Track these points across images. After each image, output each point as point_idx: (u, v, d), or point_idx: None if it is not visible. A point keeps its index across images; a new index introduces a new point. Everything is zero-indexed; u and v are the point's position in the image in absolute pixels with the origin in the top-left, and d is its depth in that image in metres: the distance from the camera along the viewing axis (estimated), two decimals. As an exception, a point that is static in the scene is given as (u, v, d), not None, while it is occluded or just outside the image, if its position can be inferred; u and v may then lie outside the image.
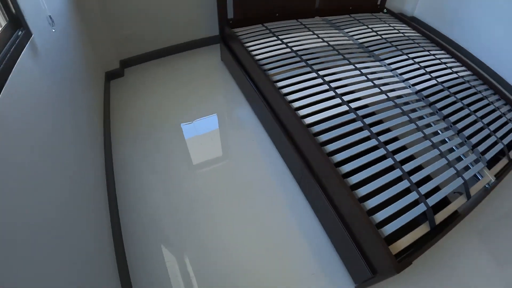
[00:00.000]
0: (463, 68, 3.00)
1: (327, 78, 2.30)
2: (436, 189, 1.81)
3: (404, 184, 1.75)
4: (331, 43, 2.73)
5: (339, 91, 2.22)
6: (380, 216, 1.59)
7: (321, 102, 2.12)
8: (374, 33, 3.10)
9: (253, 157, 2.30)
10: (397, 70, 2.59)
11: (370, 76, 2.41)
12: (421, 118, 2.22)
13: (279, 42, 2.65)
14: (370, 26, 3.25)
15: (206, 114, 2.58)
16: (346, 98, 2.16)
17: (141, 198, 2.00)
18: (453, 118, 2.30)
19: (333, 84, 2.27)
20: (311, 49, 2.59)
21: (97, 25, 2.44)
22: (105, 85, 2.59)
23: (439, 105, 2.37)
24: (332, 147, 1.86)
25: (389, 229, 1.56)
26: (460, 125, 2.26)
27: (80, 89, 1.93)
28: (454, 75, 2.80)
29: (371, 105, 2.17)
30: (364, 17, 3.49)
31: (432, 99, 2.40)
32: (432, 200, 1.73)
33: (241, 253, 1.82)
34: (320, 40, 2.75)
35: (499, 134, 2.37)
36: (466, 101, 2.52)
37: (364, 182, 1.72)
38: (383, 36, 3.09)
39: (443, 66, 2.87)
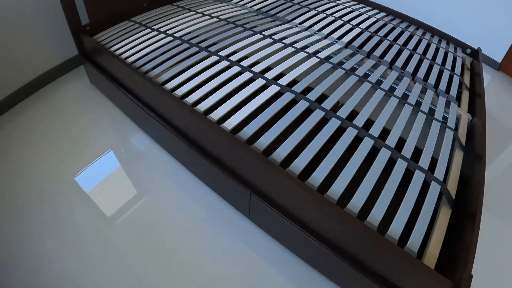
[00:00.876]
0: (375, 11, 2.64)
1: (234, 58, 1.64)
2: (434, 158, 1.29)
3: (400, 167, 1.18)
4: (222, 17, 2.08)
5: (258, 69, 1.58)
6: (396, 228, 0.99)
7: (239, 90, 1.45)
8: (269, -3, 2.55)
9: (168, 187, 1.54)
10: (313, 28, 2.07)
11: (286, 41, 1.83)
12: (367, 76, 1.70)
13: (155, 33, 1.92)
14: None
15: (92, 157, 1.71)
16: (270, 75, 1.53)
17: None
18: (399, 63, 1.85)
19: (245, 63, 1.61)
20: (200, 30, 1.91)
21: None
22: None
23: (377, 53, 1.89)
24: (266, 139, 1.19)
25: (415, 241, 0.98)
26: (410, 69, 1.82)
27: None
28: (373, 19, 2.44)
29: (305, 75, 1.56)
30: None
31: (367, 48, 1.92)
32: (439, 173, 1.19)
33: None
34: (208, 17, 2.10)
35: (448, 66, 2.00)
36: (400, 42, 2.11)
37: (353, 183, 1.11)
38: None
39: (357, 12, 2.51)
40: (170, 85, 1.48)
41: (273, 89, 1.42)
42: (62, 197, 1.50)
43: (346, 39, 2.00)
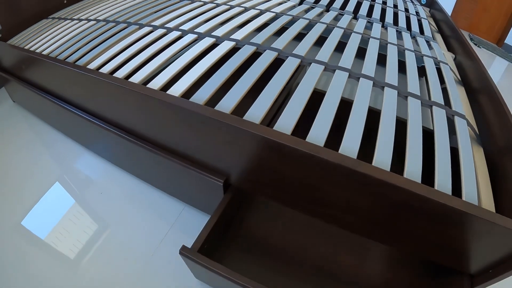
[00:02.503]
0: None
1: (170, 25, 1.28)
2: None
3: (415, 105, 0.91)
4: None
5: (202, 30, 1.22)
6: (443, 180, 0.69)
7: (182, 54, 1.08)
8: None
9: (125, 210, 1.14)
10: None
11: (232, 3, 1.52)
12: (333, 25, 1.43)
13: (75, 22, 1.53)
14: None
15: (35, 193, 1.25)
16: (219, 33, 1.18)
17: None
18: (363, 12, 1.61)
19: (185, 27, 1.25)
20: (127, 10, 1.55)
21: None
22: None
23: (336, 4, 1.65)
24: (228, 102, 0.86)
25: (470, 191, 0.69)
26: (376, 16, 1.60)
27: None
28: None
29: (258, 32, 1.26)
30: None
31: (323, 2, 1.66)
32: (457, 106, 0.94)
33: None
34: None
35: (412, 12, 1.82)
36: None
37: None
38: None
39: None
40: (93, 64, 1.10)
41: (225, 46, 1.09)
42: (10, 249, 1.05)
43: (297, -5, 1.73)
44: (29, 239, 1.10)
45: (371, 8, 1.83)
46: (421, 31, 1.67)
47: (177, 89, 0.90)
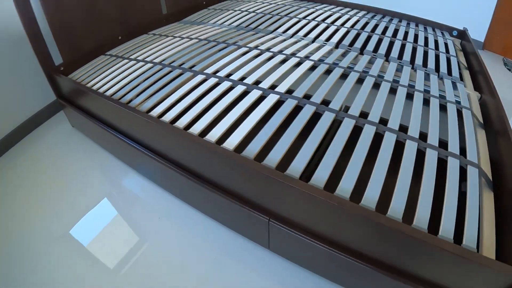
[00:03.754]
0: (355, 10, 2.65)
1: (222, 74, 1.55)
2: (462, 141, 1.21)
3: (431, 157, 1.10)
4: (202, 37, 2.03)
5: (241, 79, 1.49)
6: (447, 226, 0.89)
7: (234, 106, 1.34)
8: (245, 12, 2.52)
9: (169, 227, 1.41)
10: (298, 34, 2.04)
11: (274, 50, 1.77)
12: (367, 70, 1.65)
13: (133, 62, 1.85)
14: (236, 9, 2.66)
15: (83, 206, 1.59)
16: (264, 85, 1.45)
17: None
18: (394, 54, 1.80)
19: (235, 77, 1.52)
20: (180, 53, 1.84)
21: None
22: None
23: (370, 47, 1.86)
24: (275, 155, 1.09)
25: (470, 235, 0.88)
26: (406, 58, 1.78)
27: None
28: (355, 17, 2.44)
29: (301, 81, 1.50)
30: (225, 4, 2.91)
31: (358, 45, 1.88)
32: (472, 156, 1.11)
33: None
34: (187, 39, 2.04)
35: (442, 49, 1.98)
36: (388, 34, 2.10)
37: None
38: (256, 11, 2.54)
39: (338, 14, 2.51)
40: (156, 111, 1.38)
41: (271, 98, 1.34)
42: (58, 253, 1.36)
43: (335, 39, 1.96)
44: (74, 246, 1.39)
45: (402, 47, 2.01)
46: (449, 71, 1.82)
47: (231, 142, 1.15)
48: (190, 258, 1.32)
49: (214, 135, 1.20)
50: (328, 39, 2.00)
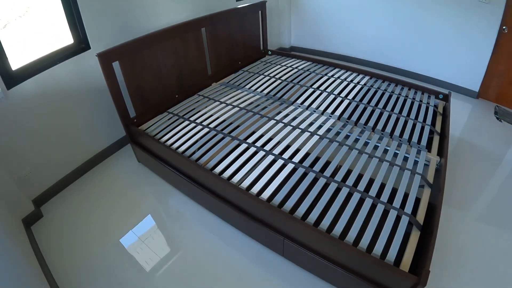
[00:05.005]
0: (359, 76, 3.56)
1: (258, 144, 2.56)
2: (405, 196, 2.06)
3: (380, 208, 1.97)
4: (241, 105, 3.01)
5: (271, 148, 2.49)
6: (379, 247, 1.75)
7: (268, 169, 2.32)
8: (273, 79, 3.52)
9: (207, 239, 2.44)
10: (312, 106, 2.97)
11: (294, 123, 2.72)
12: (356, 140, 2.55)
13: (192, 124, 2.87)
14: (265, 74, 3.68)
15: (140, 218, 2.63)
16: (286, 155, 2.41)
17: None
18: (380, 126, 2.69)
19: (260, 144, 2.53)
20: (227, 121, 2.85)
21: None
22: (28, 235, 2.43)
23: (362, 120, 2.76)
24: (290, 203, 2.01)
25: (392, 254, 1.74)
26: (388, 129, 2.65)
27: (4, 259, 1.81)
28: (358, 86, 3.33)
29: (311, 150, 2.42)
30: (255, 67, 3.95)
31: (354, 118, 2.79)
32: (408, 208, 1.97)
33: None
34: (230, 106, 3.05)
35: (421, 118, 2.83)
36: (380, 105, 2.99)
37: (339, 222, 1.89)
38: (281, 78, 3.53)
39: (345, 83, 3.42)
40: (218, 169, 2.34)
41: (290, 167, 2.28)
42: (109, 258, 2.31)
43: (338, 112, 2.88)
44: (122, 252, 2.33)
45: (389, 118, 2.89)
46: (420, 139, 2.65)
47: (265, 194, 2.09)
48: (226, 263, 2.26)
49: (255, 189, 2.14)
50: (333, 112, 2.92)
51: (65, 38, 2.69)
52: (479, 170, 3.05)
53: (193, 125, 2.85)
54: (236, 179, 2.25)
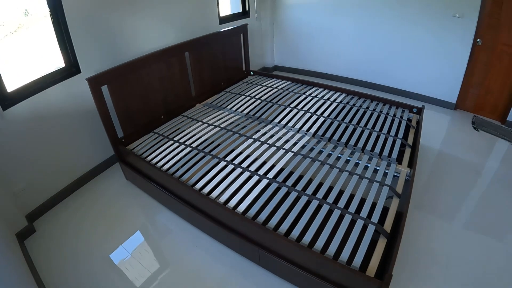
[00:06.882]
0: (336, 93, 3.84)
1: (236, 161, 2.78)
2: (373, 206, 2.27)
3: (347, 218, 2.19)
4: (222, 125, 3.25)
5: (248, 165, 2.70)
6: (345, 254, 1.96)
7: (244, 184, 2.53)
8: (253, 99, 3.78)
9: (191, 252, 2.63)
10: (288, 125, 3.21)
11: (270, 142, 2.95)
12: (329, 155, 2.77)
13: (175, 143, 3.09)
14: (247, 94, 3.94)
15: (130, 234, 2.82)
16: (261, 171, 2.63)
17: None
18: (352, 141, 2.93)
19: (238, 162, 2.75)
20: (209, 140, 3.08)
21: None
22: (22, 249, 2.59)
23: (336, 136, 3.00)
24: (263, 215, 2.21)
25: (357, 260, 1.93)
26: (360, 144, 2.89)
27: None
28: (334, 104, 3.60)
29: (285, 166, 2.65)
30: (238, 87, 4.23)
31: (328, 134, 3.05)
32: (375, 218, 2.18)
33: None
34: (212, 126, 3.29)
35: (393, 132, 3.09)
36: (354, 121, 3.25)
37: (316, 234, 2.10)
38: (261, 98, 3.80)
39: (321, 101, 3.68)
40: (198, 185, 2.54)
41: (264, 182, 2.49)
42: (99, 273, 2.46)
43: (313, 129, 3.12)
44: (112, 268, 2.50)
45: (361, 133, 3.13)
46: (391, 152, 2.89)
47: (240, 208, 2.30)
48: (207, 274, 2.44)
49: (232, 203, 2.35)
50: (308, 130, 3.15)
51: (57, 60, 2.97)
52: (458, 180, 3.29)
53: (176, 144, 3.07)
54: (215, 194, 2.46)
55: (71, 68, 3.03)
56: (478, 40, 4.10)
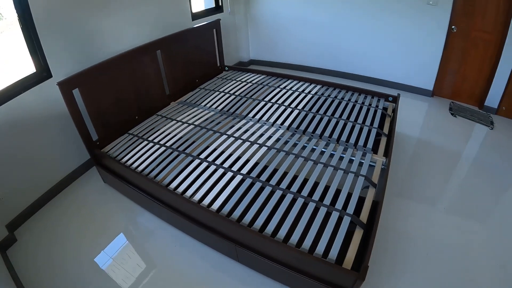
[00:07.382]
0: (311, 85, 3.82)
1: (209, 158, 2.73)
2: (349, 197, 2.26)
3: (322, 211, 2.17)
4: (196, 123, 3.20)
5: (221, 162, 2.66)
6: (321, 247, 1.94)
7: (218, 181, 2.48)
8: (227, 95, 3.73)
9: (171, 252, 2.58)
10: (262, 119, 3.18)
11: (244, 137, 2.91)
12: (304, 147, 2.75)
13: (150, 144, 3.03)
14: (221, 90, 3.89)
15: (112, 237, 2.76)
16: (235, 167, 2.60)
17: None
18: (327, 133, 2.92)
19: (212, 159, 2.70)
20: (183, 138, 3.03)
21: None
22: (4, 259, 2.52)
23: (310, 128, 2.98)
24: (238, 211, 2.18)
25: (333, 253, 1.92)
26: (335, 135, 2.88)
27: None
28: (309, 96, 3.58)
29: (259, 161, 2.62)
30: (212, 83, 4.18)
31: (302, 127, 3.03)
32: (350, 209, 2.17)
33: None
34: (186, 124, 3.23)
35: (368, 121, 3.09)
36: (329, 112, 3.24)
37: (289, 227, 2.07)
38: (236, 93, 3.75)
39: (296, 93, 3.66)
40: (173, 185, 2.49)
41: (238, 178, 2.45)
42: (85, 278, 2.41)
43: (287, 122, 3.10)
44: (98, 272, 2.44)
45: (336, 124, 3.12)
46: (366, 142, 2.89)
47: (215, 206, 2.26)
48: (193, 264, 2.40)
49: (206, 201, 2.30)
50: (282, 123, 3.13)
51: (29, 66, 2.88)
52: (438, 165, 3.34)
53: (151, 144, 3.00)
54: (189, 192, 2.41)
55: (42, 73, 2.92)
56: (453, 27, 4.15)
